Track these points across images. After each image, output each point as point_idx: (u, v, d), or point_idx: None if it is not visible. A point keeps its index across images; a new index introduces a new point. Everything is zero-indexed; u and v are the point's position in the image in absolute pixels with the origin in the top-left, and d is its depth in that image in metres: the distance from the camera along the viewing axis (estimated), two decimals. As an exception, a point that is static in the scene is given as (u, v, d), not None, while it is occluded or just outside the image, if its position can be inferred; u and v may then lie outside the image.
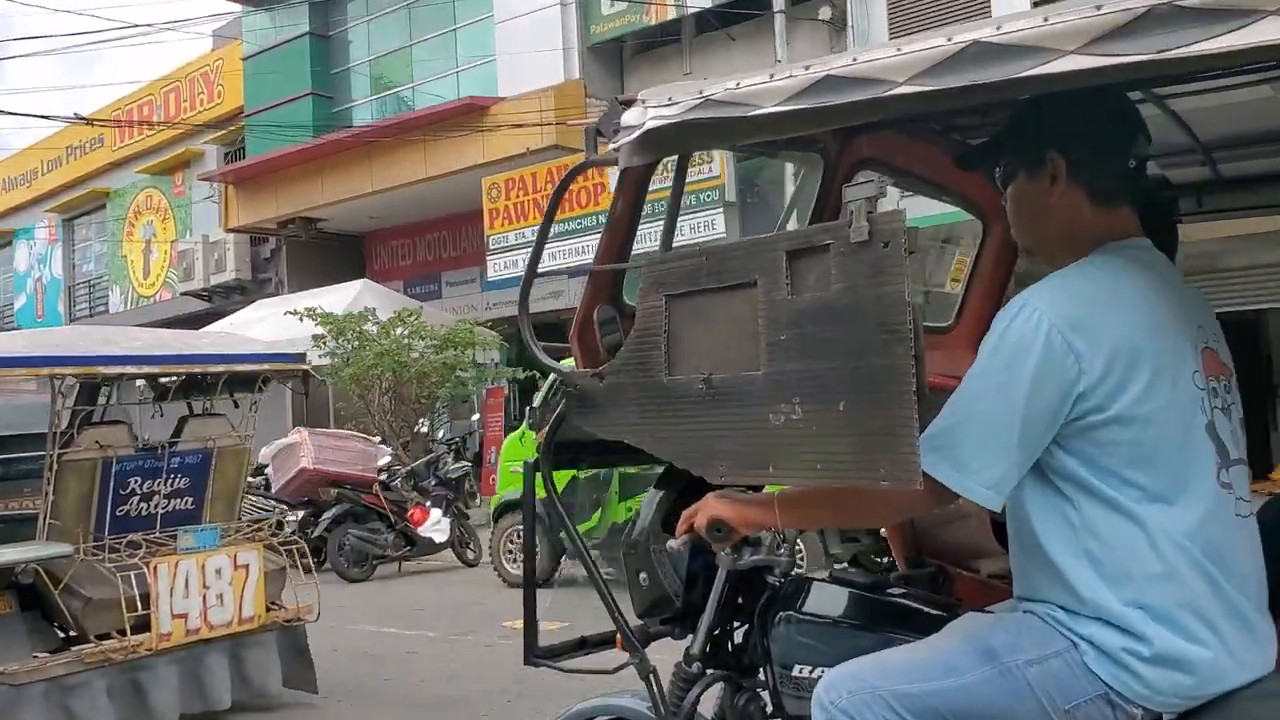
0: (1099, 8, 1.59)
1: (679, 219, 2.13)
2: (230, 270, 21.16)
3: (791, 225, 2.46)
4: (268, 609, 5.79)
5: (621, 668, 2.25)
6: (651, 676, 2.18)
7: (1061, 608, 1.78)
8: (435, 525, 11.22)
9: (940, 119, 2.50)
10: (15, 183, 29.14)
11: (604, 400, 2.08)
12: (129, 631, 5.14)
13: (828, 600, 2.19)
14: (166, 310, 23.28)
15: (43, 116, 20.94)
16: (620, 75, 15.99)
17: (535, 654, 2.31)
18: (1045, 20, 1.63)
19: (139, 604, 5.17)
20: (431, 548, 11.29)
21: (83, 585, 5.20)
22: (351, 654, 7.28)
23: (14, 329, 28.41)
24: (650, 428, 2.03)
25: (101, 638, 5.19)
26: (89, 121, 20.87)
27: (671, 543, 2.09)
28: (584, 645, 2.42)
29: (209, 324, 18.82)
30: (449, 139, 15.97)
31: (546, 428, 2.18)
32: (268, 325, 16.60)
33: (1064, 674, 1.75)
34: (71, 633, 5.34)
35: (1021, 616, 1.84)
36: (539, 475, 2.26)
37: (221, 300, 21.59)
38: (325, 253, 20.16)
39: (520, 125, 15.07)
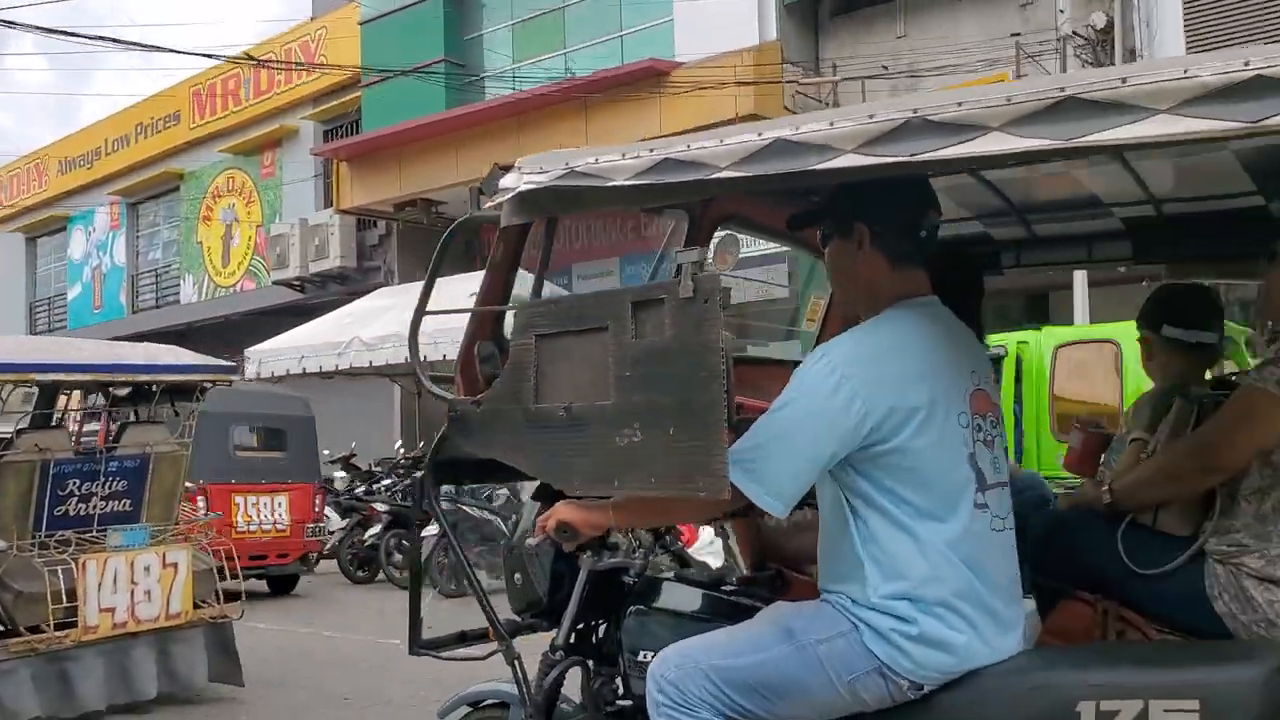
0: (871, 117, 1.99)
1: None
2: (334, 257, 18.73)
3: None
4: (196, 606, 6.07)
5: (491, 654, 2.60)
6: (516, 662, 2.53)
7: (850, 597, 2.17)
8: (709, 547, 8.74)
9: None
10: (74, 164, 26.33)
11: (481, 424, 2.43)
12: (53, 624, 5.40)
13: (672, 596, 2.58)
14: (250, 301, 21.29)
15: (206, 55, 17.80)
16: (815, 39, 14.24)
17: (419, 645, 2.65)
18: (831, 124, 2.03)
19: (67, 598, 5.43)
20: None
21: (15, 579, 5.47)
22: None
23: (64, 324, 26.35)
24: (519, 448, 2.37)
25: (33, 630, 5.44)
26: (259, 62, 18.06)
27: (529, 541, 2.44)
28: (464, 639, 2.76)
29: (311, 317, 16.94)
30: (616, 109, 14.07)
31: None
32: (395, 316, 14.98)
33: (847, 651, 2.13)
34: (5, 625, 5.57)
35: (818, 604, 2.24)
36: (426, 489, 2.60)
37: (316, 290, 19.61)
38: (437, 240, 18.38)
39: (740, 84, 12.90)
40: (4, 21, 11.56)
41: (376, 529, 11.75)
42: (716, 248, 3.18)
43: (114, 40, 22.15)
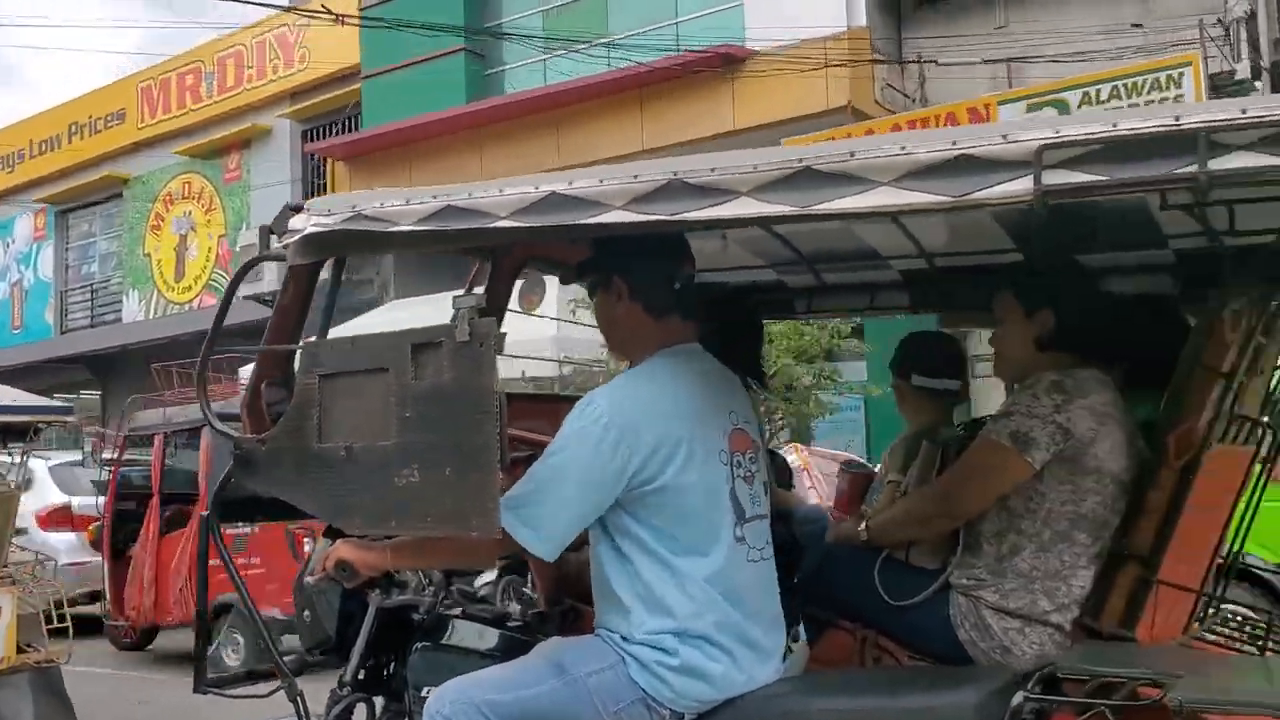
0: (636, 177, 2.11)
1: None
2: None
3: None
4: (21, 651, 5.81)
5: (275, 691, 2.60)
6: (299, 699, 2.54)
7: (619, 634, 2.27)
8: None
9: None
10: (-11, 166, 23.22)
11: (266, 463, 2.44)
12: None
13: (459, 633, 2.64)
14: (210, 319, 18.72)
15: (265, 5, 15.36)
16: (898, 29, 12.95)
17: (205, 684, 2.64)
18: (601, 181, 2.14)
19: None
20: None
21: None
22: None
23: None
24: (302, 487, 2.39)
25: None
26: (339, 19, 14.53)
27: (308, 579, 2.46)
28: (252, 676, 2.76)
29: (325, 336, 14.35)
30: (676, 101, 12.69)
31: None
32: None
33: (614, 683, 2.23)
34: None
35: (591, 638, 2.33)
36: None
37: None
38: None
39: (845, 63, 11.59)
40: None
41: (489, 575, 9.93)
42: (521, 289, 3.28)
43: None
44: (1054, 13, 12.09)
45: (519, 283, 3.18)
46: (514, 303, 3.21)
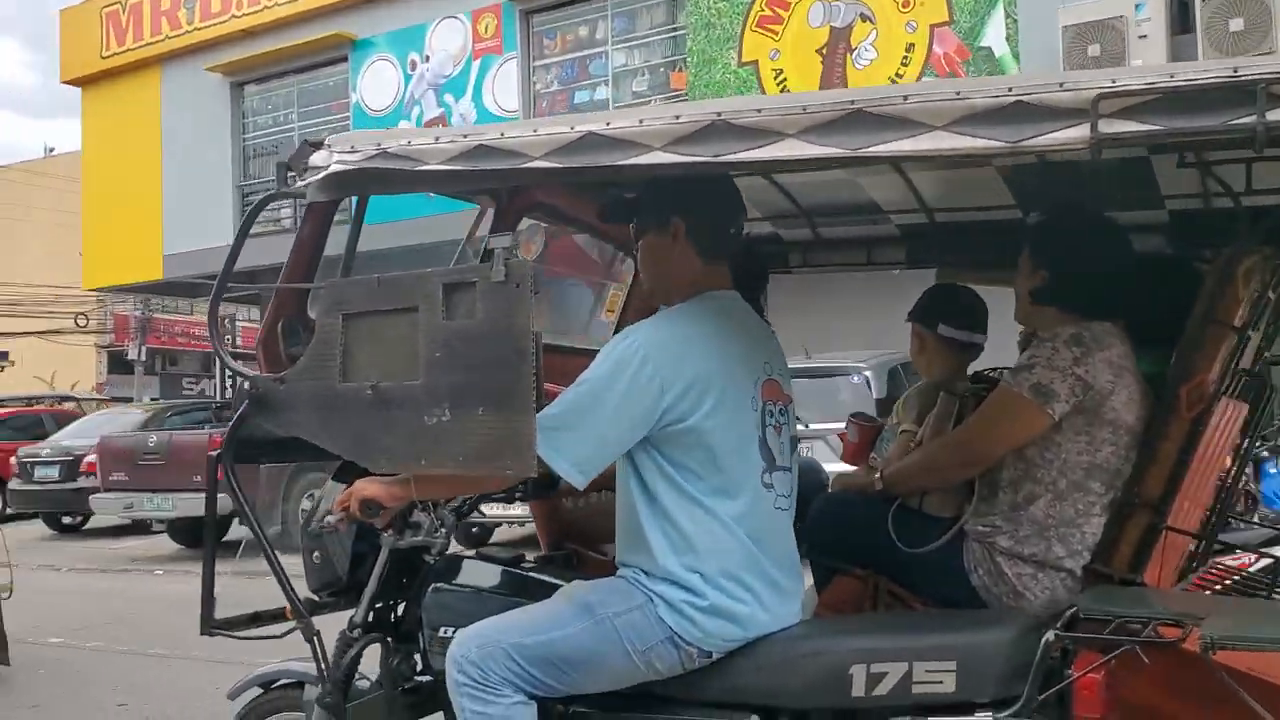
0: (678, 118, 2.10)
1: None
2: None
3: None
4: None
5: (289, 632, 2.57)
6: (315, 639, 2.51)
7: (643, 570, 2.28)
8: None
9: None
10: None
11: (284, 402, 2.40)
12: None
13: (473, 574, 2.62)
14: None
15: None
16: None
17: (212, 625, 2.58)
18: (640, 121, 2.12)
19: None
20: None
21: None
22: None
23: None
24: (324, 427, 2.36)
25: None
26: None
27: (329, 518, 2.42)
28: (258, 619, 2.71)
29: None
30: None
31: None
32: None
33: (641, 623, 2.24)
34: None
35: (614, 579, 2.34)
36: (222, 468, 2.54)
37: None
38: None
39: None
40: None
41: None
42: (520, 236, 3.24)
43: None
44: None
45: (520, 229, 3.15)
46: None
